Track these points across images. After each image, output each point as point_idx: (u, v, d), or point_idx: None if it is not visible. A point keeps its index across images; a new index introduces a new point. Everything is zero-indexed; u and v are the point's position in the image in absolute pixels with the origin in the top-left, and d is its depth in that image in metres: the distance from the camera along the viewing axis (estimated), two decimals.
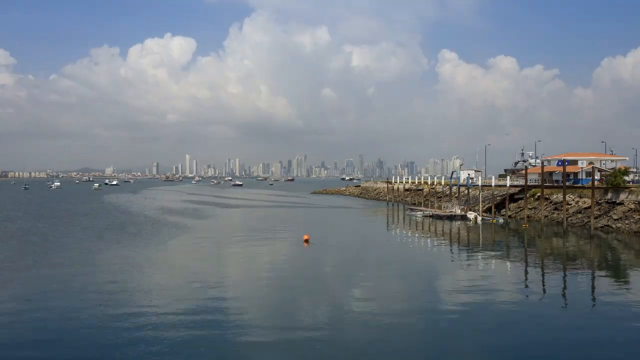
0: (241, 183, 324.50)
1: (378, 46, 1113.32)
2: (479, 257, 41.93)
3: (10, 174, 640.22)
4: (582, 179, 73.82)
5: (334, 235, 57.24)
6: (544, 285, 31.40)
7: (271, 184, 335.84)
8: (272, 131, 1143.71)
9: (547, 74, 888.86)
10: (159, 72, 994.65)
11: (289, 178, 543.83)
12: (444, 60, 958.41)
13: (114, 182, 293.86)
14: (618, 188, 60.28)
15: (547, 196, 69.58)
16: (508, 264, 38.67)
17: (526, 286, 31.24)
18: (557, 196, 68.91)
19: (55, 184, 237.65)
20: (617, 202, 59.20)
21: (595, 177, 63.19)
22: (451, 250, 46.22)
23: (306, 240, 48.00)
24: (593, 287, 30.97)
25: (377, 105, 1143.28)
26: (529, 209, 68.92)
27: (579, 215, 62.81)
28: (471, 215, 71.61)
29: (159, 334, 20.80)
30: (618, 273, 36.33)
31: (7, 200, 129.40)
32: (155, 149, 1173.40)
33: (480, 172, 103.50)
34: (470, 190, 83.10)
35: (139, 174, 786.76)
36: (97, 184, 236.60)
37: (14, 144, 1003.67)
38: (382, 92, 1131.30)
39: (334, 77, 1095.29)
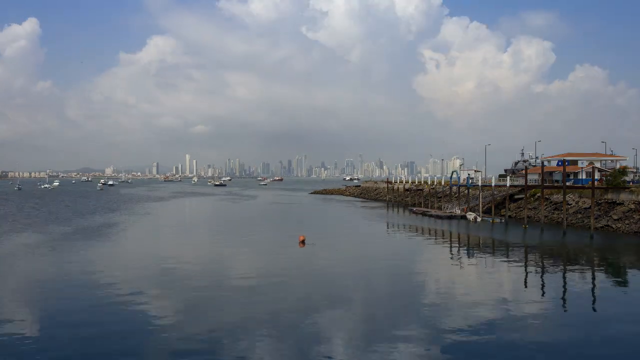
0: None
1: None
2: (478, 258, 41.86)
3: (10, 174, 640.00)
4: (582, 179, 73.81)
5: (332, 236, 57.19)
6: (543, 286, 31.33)
7: (265, 184, 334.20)
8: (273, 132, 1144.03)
9: None
10: None
11: (277, 178, 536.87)
12: None
13: (110, 182, 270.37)
14: (618, 188, 60.24)
15: (547, 196, 69.51)
16: (508, 264, 38.58)
17: (526, 287, 31.18)
18: (557, 196, 68.85)
19: (54, 183, 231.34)
20: (617, 202, 59.16)
21: (595, 177, 63.14)
22: (451, 251, 46.16)
23: (302, 241, 47.37)
24: (593, 288, 30.91)
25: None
26: (529, 209, 68.85)
27: (579, 216, 62.75)
28: (470, 215, 71.67)
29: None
30: (618, 274, 36.30)
31: None
32: (155, 149, 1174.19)
33: (480, 172, 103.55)
34: (470, 190, 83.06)
35: (139, 174, 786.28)
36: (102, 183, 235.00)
37: (14, 144, 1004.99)
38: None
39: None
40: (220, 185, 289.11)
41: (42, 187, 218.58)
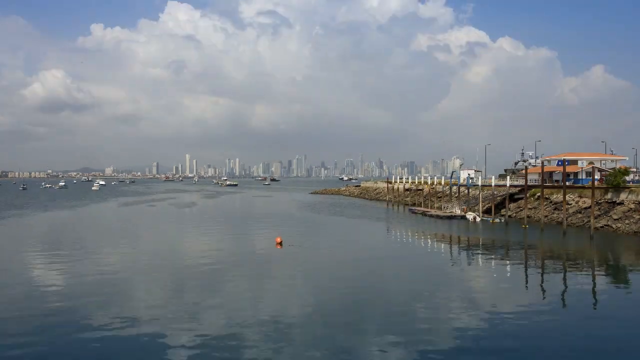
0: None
1: None
2: (478, 258, 41.80)
3: (10, 174, 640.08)
4: (582, 179, 73.67)
5: (329, 236, 57.08)
6: (543, 285, 31.27)
7: (268, 184, 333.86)
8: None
9: None
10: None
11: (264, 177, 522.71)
12: None
13: (61, 183, 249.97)
14: (618, 188, 60.14)
15: (547, 196, 69.40)
16: (508, 264, 38.52)
17: (526, 287, 31.12)
18: (557, 196, 68.76)
19: (60, 183, 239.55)
20: (617, 202, 59.06)
21: (595, 177, 63.03)
22: (450, 251, 46.07)
23: (279, 243, 45.99)
24: (593, 288, 30.83)
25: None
26: (529, 209, 68.73)
27: (579, 215, 62.66)
28: (470, 216, 71.56)
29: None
30: (618, 273, 36.20)
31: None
32: (155, 149, 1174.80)
33: (480, 172, 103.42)
34: (470, 190, 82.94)
35: (138, 173, 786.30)
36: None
37: (14, 144, 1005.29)
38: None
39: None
40: (232, 185, 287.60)
41: (53, 187, 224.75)
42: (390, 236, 57.48)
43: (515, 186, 76.76)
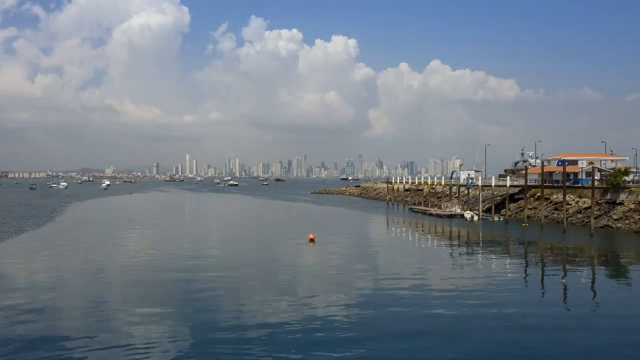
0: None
1: None
2: (479, 256, 41.91)
3: (11, 174, 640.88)
4: (582, 179, 73.79)
5: (337, 234, 57.25)
6: (543, 284, 31.41)
7: (266, 184, 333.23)
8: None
9: None
10: None
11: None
12: None
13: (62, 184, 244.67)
14: (618, 188, 60.26)
15: (547, 196, 69.52)
16: (508, 263, 38.66)
17: (526, 285, 31.25)
18: (557, 196, 68.88)
19: (63, 183, 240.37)
20: (617, 202, 59.19)
21: (595, 177, 63.16)
22: (451, 249, 46.18)
23: (312, 240, 48.21)
24: (593, 287, 30.95)
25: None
26: (529, 209, 68.87)
27: (579, 215, 62.78)
28: (468, 214, 71.64)
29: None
30: (618, 273, 36.33)
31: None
32: (155, 149, 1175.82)
33: (480, 172, 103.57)
34: (470, 190, 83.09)
35: (139, 174, 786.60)
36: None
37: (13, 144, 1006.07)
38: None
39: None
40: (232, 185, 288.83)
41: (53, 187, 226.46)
42: (391, 235, 57.60)
43: (515, 186, 76.88)
